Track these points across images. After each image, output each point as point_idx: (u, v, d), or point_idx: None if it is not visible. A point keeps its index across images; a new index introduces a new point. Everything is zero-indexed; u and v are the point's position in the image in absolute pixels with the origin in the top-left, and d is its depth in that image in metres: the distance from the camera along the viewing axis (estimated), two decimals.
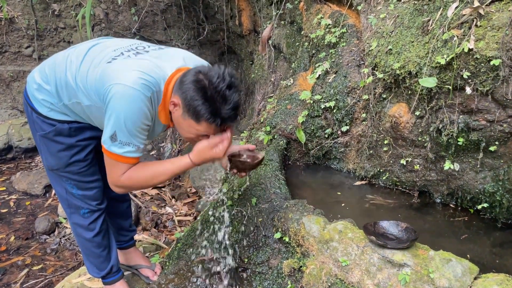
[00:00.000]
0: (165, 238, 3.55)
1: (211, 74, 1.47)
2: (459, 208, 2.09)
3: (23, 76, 5.36)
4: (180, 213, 4.05)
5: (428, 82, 1.83)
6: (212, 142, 1.58)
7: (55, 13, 5.19)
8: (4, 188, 4.29)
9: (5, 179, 4.50)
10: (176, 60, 1.63)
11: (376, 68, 2.19)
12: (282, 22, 3.96)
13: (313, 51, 3.00)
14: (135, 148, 1.55)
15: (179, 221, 3.87)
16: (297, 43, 3.60)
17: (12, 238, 3.45)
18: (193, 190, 4.32)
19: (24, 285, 2.88)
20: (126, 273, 2.32)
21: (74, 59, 1.64)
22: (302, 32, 3.36)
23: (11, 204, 4.00)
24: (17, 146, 4.94)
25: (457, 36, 1.79)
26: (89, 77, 1.57)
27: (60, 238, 3.48)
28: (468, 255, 1.71)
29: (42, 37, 5.28)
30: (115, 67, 1.54)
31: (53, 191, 4.25)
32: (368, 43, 2.31)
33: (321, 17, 3.03)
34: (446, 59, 1.79)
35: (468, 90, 1.77)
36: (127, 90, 1.46)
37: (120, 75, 1.49)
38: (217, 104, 1.46)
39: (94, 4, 5.16)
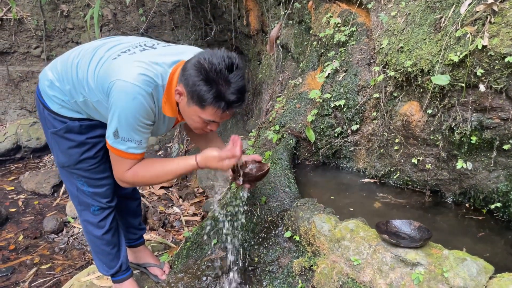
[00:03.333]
0: (173, 238, 3.54)
1: (211, 57, 1.41)
2: (472, 208, 2.06)
3: (32, 76, 5.40)
4: (187, 213, 4.04)
5: (441, 79, 1.80)
6: (222, 155, 1.57)
7: (64, 13, 5.22)
8: (13, 188, 4.31)
9: (14, 179, 4.52)
10: (184, 54, 1.62)
11: (387, 66, 2.17)
12: (290, 21, 3.95)
13: (322, 50, 2.98)
14: (137, 144, 1.56)
15: (186, 221, 3.87)
16: (306, 43, 3.59)
17: (21, 237, 3.46)
18: (200, 190, 4.32)
19: (33, 284, 2.89)
20: (135, 271, 2.32)
21: (84, 56, 1.65)
22: (311, 32, 3.34)
23: (20, 203, 4.02)
24: (25, 146, 4.97)
25: (471, 33, 1.76)
26: (96, 74, 1.58)
27: (68, 238, 3.49)
28: (487, 254, 1.68)
29: (50, 37, 5.31)
30: (118, 62, 1.55)
31: (61, 191, 4.26)
32: (379, 41, 2.29)
33: (330, 16, 3.01)
34: (459, 56, 1.77)
35: (482, 87, 1.75)
36: (127, 86, 1.47)
37: (122, 71, 1.50)
38: (220, 87, 1.41)
39: (102, 4, 5.18)
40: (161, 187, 4.52)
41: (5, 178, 4.54)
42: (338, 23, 2.86)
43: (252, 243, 2.01)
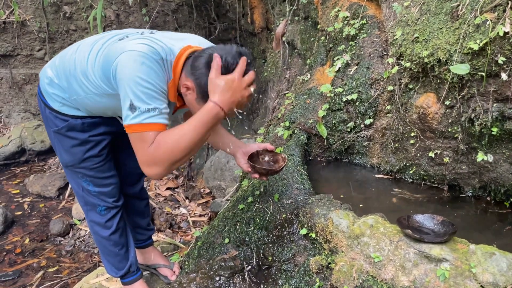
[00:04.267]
0: (180, 239, 3.49)
1: (225, 55, 1.36)
2: (493, 202, 2.00)
3: (35, 79, 5.36)
4: (194, 213, 4.00)
5: (460, 69, 1.74)
6: (212, 74, 1.36)
7: (67, 15, 5.19)
8: (18, 191, 4.28)
9: (19, 182, 4.49)
10: (186, 40, 1.57)
11: (401, 58, 2.11)
12: (296, 18, 3.89)
13: (331, 45, 2.92)
14: (158, 112, 1.37)
15: (193, 222, 3.82)
16: (312, 39, 3.53)
17: (27, 240, 3.42)
18: (207, 191, 4.27)
19: (40, 287, 2.84)
20: (144, 273, 2.26)
21: (82, 50, 1.60)
22: (318, 27, 3.29)
23: (25, 206, 3.98)
24: (30, 149, 4.94)
25: (491, 20, 1.70)
26: (97, 62, 1.52)
27: (74, 240, 3.45)
28: None
29: (53, 39, 5.28)
30: (118, 44, 1.48)
31: (67, 193, 4.22)
32: (392, 32, 2.23)
33: (338, 10, 2.95)
34: (479, 44, 1.70)
35: (504, 76, 1.68)
36: (133, 54, 1.38)
37: (124, 47, 1.43)
38: None
39: (105, 5, 5.15)
40: (167, 188, 4.48)
41: (10, 182, 4.51)
42: (347, 16, 2.80)
43: (266, 241, 1.95)
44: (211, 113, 1.37)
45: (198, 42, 1.62)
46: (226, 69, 1.36)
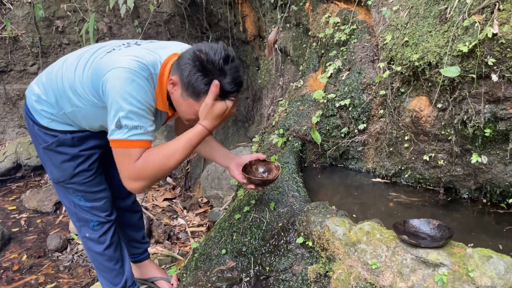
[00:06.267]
0: (179, 250, 3.47)
1: (207, 49, 1.40)
2: (489, 204, 1.99)
3: None
4: (192, 224, 3.98)
5: (451, 71, 1.74)
6: (208, 100, 1.43)
7: (59, 29, 5.19)
8: (15, 207, 4.25)
9: (15, 198, 4.46)
10: (170, 47, 1.60)
11: (392, 62, 2.11)
12: (288, 25, 3.90)
13: (322, 51, 2.93)
14: (144, 130, 1.42)
15: (192, 232, 3.80)
16: (304, 45, 3.54)
17: (24, 257, 3.39)
18: (205, 200, 4.24)
19: None
20: (142, 287, 2.24)
21: (69, 65, 1.61)
22: (309, 33, 3.30)
23: (22, 222, 3.95)
24: (26, 164, 4.91)
25: (479, 22, 1.71)
26: (85, 76, 1.53)
27: (72, 255, 3.42)
28: None
29: (46, 54, 5.27)
30: (107, 59, 1.49)
31: (64, 208, 4.19)
32: (382, 37, 2.24)
33: (329, 16, 2.96)
34: (468, 46, 1.70)
35: (494, 77, 1.68)
36: (122, 71, 1.40)
37: (114, 62, 1.45)
38: (216, 77, 1.40)
39: (97, 18, 5.15)
40: (165, 199, 4.45)
41: (6, 198, 4.48)
42: (338, 22, 2.81)
43: (263, 251, 1.93)
44: (200, 135, 1.47)
45: (177, 44, 1.65)
46: (207, 62, 1.39)
